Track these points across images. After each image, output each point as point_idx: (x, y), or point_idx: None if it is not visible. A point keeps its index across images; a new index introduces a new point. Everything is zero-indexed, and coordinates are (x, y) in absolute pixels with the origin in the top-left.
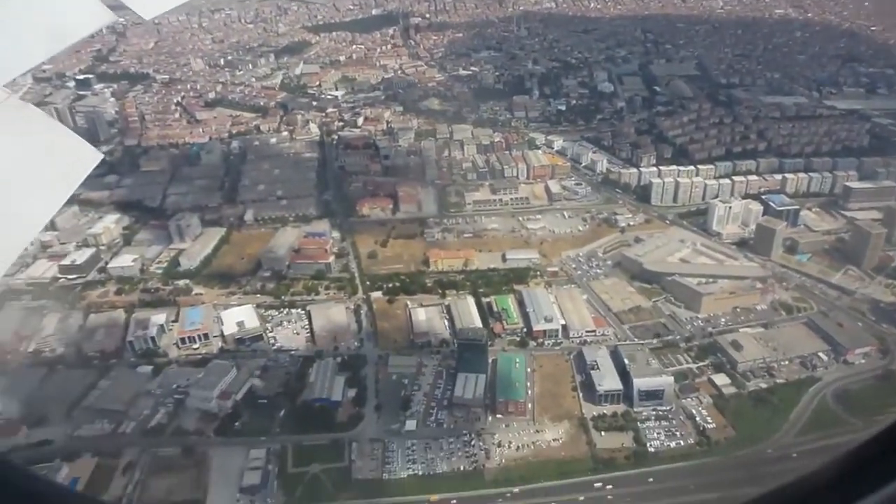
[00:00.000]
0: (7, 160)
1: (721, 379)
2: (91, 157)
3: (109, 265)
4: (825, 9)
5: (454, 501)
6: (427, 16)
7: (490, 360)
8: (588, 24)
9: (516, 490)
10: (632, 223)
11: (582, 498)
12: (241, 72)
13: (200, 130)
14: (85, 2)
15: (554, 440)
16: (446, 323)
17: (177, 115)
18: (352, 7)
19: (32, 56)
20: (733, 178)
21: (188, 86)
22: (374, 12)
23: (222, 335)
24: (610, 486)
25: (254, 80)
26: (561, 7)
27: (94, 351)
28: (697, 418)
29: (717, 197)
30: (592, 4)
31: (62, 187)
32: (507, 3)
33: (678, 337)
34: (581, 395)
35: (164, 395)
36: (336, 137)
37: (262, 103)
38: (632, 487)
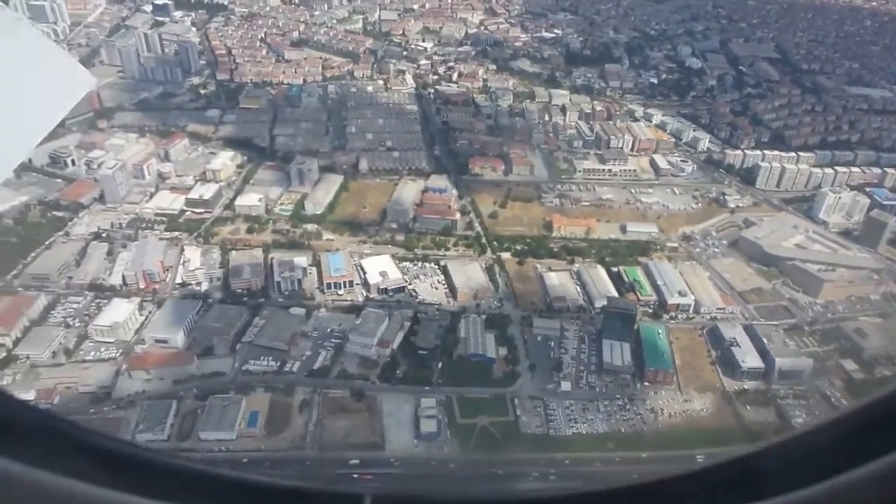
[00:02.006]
0: None
1: (849, 364)
2: (85, 81)
3: (236, 202)
4: None
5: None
6: None
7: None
8: None
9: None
10: (740, 205)
11: None
12: (318, 12)
13: (293, 71)
14: None
15: (702, 410)
16: (578, 289)
17: (264, 52)
18: None
19: None
20: (835, 167)
21: (269, 21)
22: None
23: (365, 283)
24: None
25: (335, 21)
26: None
27: (240, 288)
28: (833, 399)
29: (819, 186)
30: None
31: (54, 111)
32: None
33: (799, 320)
34: (720, 369)
35: (322, 338)
36: (433, 91)
37: (350, 48)
38: None
